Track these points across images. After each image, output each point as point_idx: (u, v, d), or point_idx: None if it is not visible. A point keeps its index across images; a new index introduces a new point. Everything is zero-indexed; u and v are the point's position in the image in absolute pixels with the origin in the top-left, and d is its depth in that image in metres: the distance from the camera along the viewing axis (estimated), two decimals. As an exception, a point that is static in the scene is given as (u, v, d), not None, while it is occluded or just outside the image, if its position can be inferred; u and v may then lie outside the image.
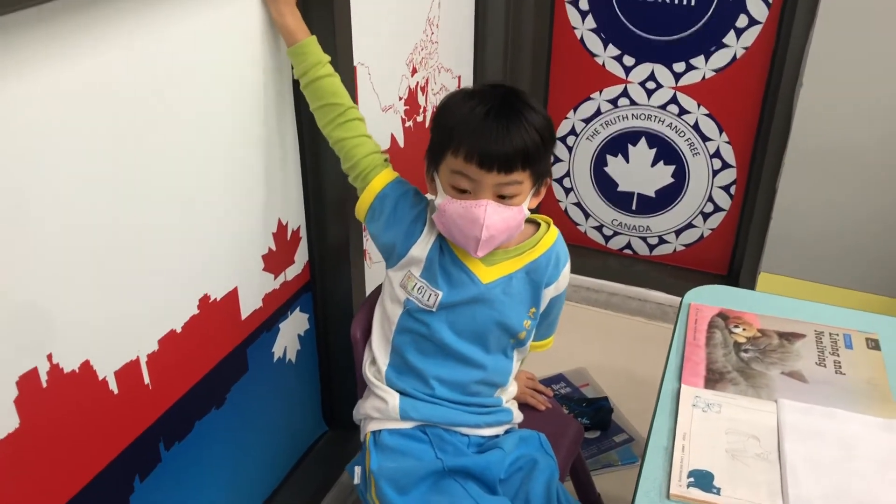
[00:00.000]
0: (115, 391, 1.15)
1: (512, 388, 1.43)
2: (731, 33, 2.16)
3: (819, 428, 1.14)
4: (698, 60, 2.23)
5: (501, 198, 1.20)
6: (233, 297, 1.39)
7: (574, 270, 2.63)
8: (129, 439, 1.21)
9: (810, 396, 1.20)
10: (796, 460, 1.08)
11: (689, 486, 1.04)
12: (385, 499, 1.26)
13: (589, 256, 2.61)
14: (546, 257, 1.33)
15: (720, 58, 2.21)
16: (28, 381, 0.99)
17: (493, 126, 1.16)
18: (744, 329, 1.34)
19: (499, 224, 1.20)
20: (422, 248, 1.29)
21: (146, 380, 1.21)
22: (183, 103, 1.18)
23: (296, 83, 1.45)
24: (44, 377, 1.01)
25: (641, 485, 1.06)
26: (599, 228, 2.60)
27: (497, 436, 1.37)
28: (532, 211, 1.29)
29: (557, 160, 2.54)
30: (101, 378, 1.11)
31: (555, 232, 1.36)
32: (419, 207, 1.32)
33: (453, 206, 1.20)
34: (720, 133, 2.31)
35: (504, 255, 1.31)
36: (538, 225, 1.37)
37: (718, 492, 1.03)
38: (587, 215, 2.59)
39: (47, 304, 1.00)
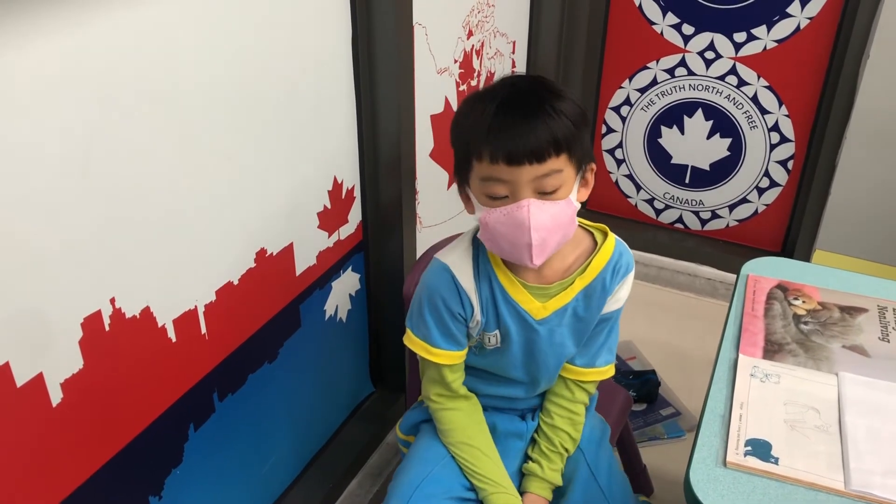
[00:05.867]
0: (174, 339, 1.16)
1: None
2: (796, 2, 2.10)
3: (882, 403, 1.11)
4: (760, 30, 2.17)
5: (545, 194, 1.06)
6: (288, 252, 1.39)
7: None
8: (185, 388, 1.23)
9: (873, 371, 1.17)
10: (858, 434, 1.05)
11: (746, 454, 1.02)
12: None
13: (639, 230, 2.58)
14: (602, 276, 1.19)
15: (783, 28, 2.15)
16: (91, 324, 1.00)
17: (510, 118, 1.04)
18: (803, 301, 1.31)
19: (548, 223, 1.06)
20: (476, 309, 1.19)
21: (203, 330, 1.22)
22: (241, 60, 1.18)
23: (354, 41, 1.44)
24: (106, 320, 1.03)
25: (697, 452, 1.04)
26: (651, 202, 2.56)
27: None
28: (585, 216, 1.19)
29: (611, 130, 2.50)
30: (160, 325, 1.13)
31: (612, 242, 1.21)
32: (456, 300, 1.19)
33: (494, 216, 1.07)
34: (780, 106, 2.25)
35: (560, 286, 1.18)
36: (594, 238, 1.23)
37: (776, 461, 1.01)
38: (638, 188, 2.55)
39: (111, 248, 1.02)
